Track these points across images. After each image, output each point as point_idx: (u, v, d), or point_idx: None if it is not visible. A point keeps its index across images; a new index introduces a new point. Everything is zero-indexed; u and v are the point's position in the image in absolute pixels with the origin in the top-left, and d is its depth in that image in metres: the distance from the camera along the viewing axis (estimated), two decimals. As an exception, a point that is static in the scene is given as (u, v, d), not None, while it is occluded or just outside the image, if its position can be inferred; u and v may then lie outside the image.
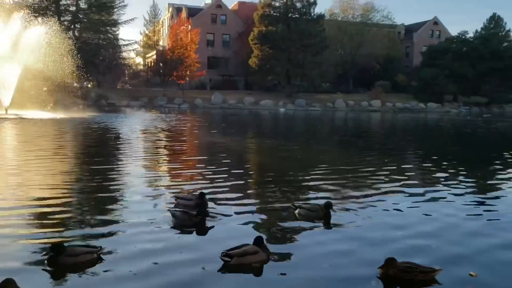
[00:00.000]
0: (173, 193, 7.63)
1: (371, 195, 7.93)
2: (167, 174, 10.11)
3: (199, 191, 7.15)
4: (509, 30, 69.68)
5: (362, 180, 9.63)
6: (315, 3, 59.75)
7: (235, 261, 4.55)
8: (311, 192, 8.27)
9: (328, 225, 6.16)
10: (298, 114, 45.48)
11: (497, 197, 8.25)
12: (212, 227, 5.90)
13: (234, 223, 6.13)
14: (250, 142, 18.66)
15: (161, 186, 8.61)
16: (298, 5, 59.98)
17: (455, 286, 4.32)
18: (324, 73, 63.08)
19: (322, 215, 6.37)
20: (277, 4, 60.03)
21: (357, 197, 7.80)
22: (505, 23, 69.82)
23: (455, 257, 4.99)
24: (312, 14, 60.18)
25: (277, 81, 62.23)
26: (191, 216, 5.93)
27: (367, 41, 71.90)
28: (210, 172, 9.95)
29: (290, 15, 59.55)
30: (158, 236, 5.42)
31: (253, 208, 7.00)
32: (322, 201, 6.80)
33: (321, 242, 5.47)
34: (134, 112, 39.34)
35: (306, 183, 9.20)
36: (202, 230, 5.76)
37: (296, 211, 6.52)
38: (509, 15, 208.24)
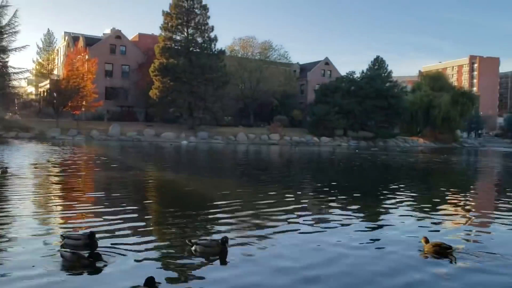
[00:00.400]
0: (64, 233, 7.36)
1: (269, 233, 8.14)
2: (59, 213, 9.68)
3: (89, 230, 7.01)
4: (390, 72, 77.43)
5: (261, 213, 9.98)
6: (216, 39, 61.44)
7: None
8: (211, 227, 8.45)
9: (224, 262, 6.34)
10: (201, 147, 45.72)
11: (386, 225, 9.02)
12: (104, 268, 5.79)
13: (127, 264, 6.06)
14: (149, 176, 18.41)
15: (51, 225, 8.27)
16: (199, 40, 61.24)
17: None
18: (226, 107, 64.56)
19: (219, 251, 6.51)
20: (178, 37, 60.77)
21: (255, 232, 8.09)
22: (387, 65, 77.74)
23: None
24: (213, 50, 61.69)
25: (179, 114, 62.22)
26: (81, 258, 5.81)
27: (265, 78, 75.24)
28: (106, 209, 9.73)
29: (191, 49, 60.46)
30: (45, 282, 5.23)
31: (149, 246, 6.95)
32: (221, 236, 6.96)
33: (217, 280, 5.63)
34: (24, 144, 36.69)
35: (206, 218, 9.35)
36: (93, 272, 5.64)
37: (193, 248, 6.60)
38: (390, 58, 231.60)
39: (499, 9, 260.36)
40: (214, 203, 11.15)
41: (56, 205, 10.67)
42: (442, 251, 6.69)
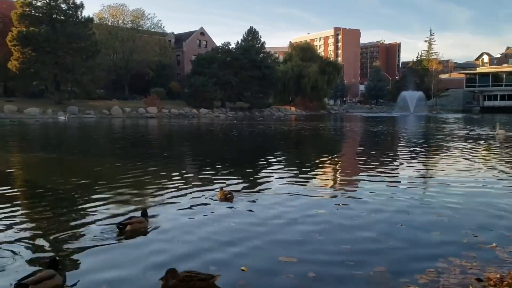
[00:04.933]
0: None
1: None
2: None
3: None
4: (264, 43, 79.64)
5: (146, 191, 9.86)
6: (82, 6, 57.10)
7: None
8: (88, 210, 7.83)
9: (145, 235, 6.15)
10: (70, 122, 42.81)
11: (266, 196, 9.49)
12: None
13: (13, 251, 5.55)
14: (14, 157, 16.81)
15: None
16: (64, 6, 56.34)
17: (231, 287, 4.60)
18: (97, 79, 60.90)
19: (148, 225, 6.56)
20: (38, 3, 55.20)
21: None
22: (260, 36, 79.71)
23: (228, 257, 5.47)
24: (80, 17, 57.35)
25: (44, 87, 57.27)
26: None
27: (139, 47, 72.51)
28: None
29: (54, 16, 55.47)
30: None
31: (29, 233, 6.44)
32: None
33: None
34: None
35: (82, 201, 8.66)
36: None
37: (127, 228, 6.36)
38: (263, 29, 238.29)
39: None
40: (92, 182, 10.70)
41: None
42: (226, 196, 8.57)
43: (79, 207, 8.15)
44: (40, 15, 54.84)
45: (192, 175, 12.37)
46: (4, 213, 7.44)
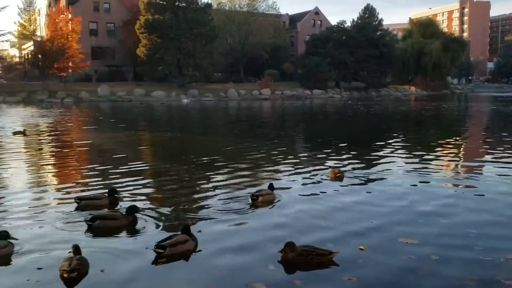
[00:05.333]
0: (72, 198, 6.96)
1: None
2: (58, 177, 9.45)
3: (109, 188, 6.95)
4: (381, 20, 76.07)
5: (264, 169, 10.14)
6: (202, -7, 59.75)
7: (168, 252, 4.66)
8: (211, 186, 8.20)
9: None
10: (192, 105, 45.47)
11: (382, 178, 9.13)
12: (134, 223, 5.78)
13: (152, 217, 6.11)
14: (149, 136, 18.32)
15: (52, 190, 7.97)
16: (185, -6, 59.47)
17: (350, 264, 4.56)
18: (215, 63, 63.53)
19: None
20: (163, -8, 58.98)
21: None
22: (378, 13, 76.12)
23: (346, 236, 5.41)
24: (199, 3, 60.14)
25: (168, 71, 61.29)
26: (123, 216, 5.76)
27: (254, 30, 73.73)
28: (110, 171, 9.61)
29: (177, 3, 58.77)
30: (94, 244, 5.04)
31: (161, 203, 7.04)
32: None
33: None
34: (11, 109, 36.21)
35: (206, 177, 9.13)
36: (133, 229, 5.65)
37: (259, 200, 6.64)
38: (380, 5, 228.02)
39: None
40: (216, 160, 11.24)
41: (53, 168, 10.60)
42: (336, 175, 8.59)
43: (203, 184, 8.65)
44: (164, 3, 58.46)
45: (307, 155, 12.48)
46: (137, 185, 8.20)
